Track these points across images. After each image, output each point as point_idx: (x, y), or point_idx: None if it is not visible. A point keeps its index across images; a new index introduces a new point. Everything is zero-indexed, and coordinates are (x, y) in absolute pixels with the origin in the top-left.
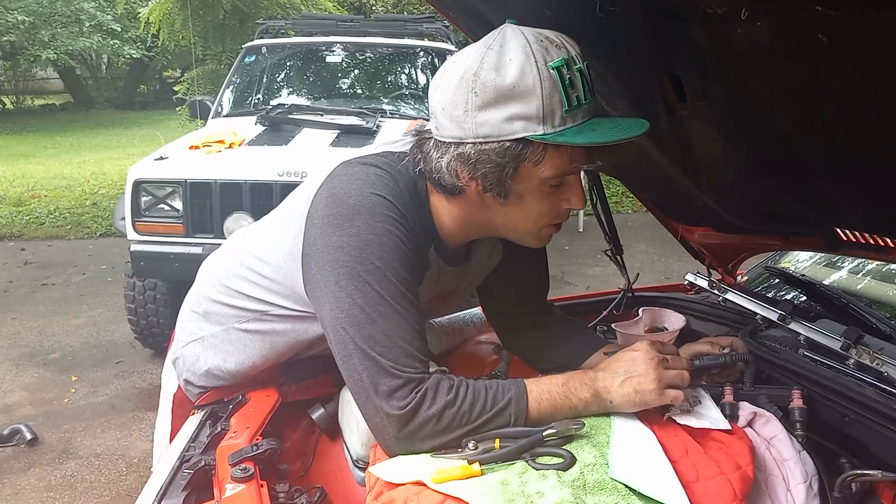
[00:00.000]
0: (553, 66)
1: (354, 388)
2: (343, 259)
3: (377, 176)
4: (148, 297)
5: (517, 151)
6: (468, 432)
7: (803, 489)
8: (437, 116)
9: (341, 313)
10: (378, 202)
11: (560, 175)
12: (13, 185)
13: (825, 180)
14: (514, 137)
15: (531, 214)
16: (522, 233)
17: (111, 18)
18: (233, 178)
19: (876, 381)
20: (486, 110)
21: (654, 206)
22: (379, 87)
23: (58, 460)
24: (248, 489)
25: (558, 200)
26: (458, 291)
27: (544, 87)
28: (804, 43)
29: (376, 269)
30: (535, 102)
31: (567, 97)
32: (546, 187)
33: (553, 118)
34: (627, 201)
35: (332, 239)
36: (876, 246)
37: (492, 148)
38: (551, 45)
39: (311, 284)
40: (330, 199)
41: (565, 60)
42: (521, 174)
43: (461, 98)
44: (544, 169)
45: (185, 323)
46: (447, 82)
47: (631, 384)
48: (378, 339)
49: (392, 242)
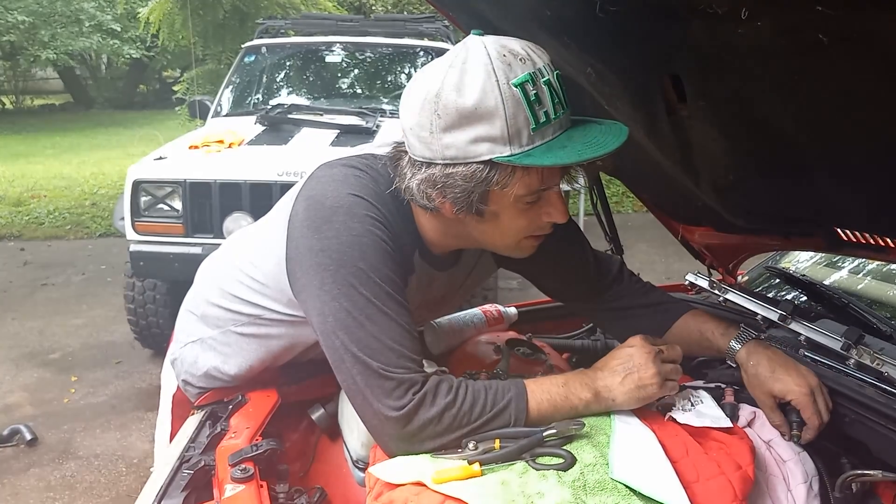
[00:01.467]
0: (516, 84)
1: (349, 391)
2: (325, 263)
3: (355, 177)
4: (147, 297)
5: (484, 175)
6: (468, 433)
7: (803, 489)
8: (407, 136)
9: (329, 318)
10: (356, 202)
11: (533, 193)
12: (13, 185)
13: (825, 180)
14: (481, 160)
15: (508, 231)
16: (501, 247)
17: (111, 18)
18: (232, 177)
19: (876, 382)
20: (450, 132)
21: (654, 206)
22: (379, 87)
23: (57, 460)
24: (248, 489)
25: (537, 215)
26: (448, 298)
27: (507, 106)
28: (804, 43)
29: (359, 272)
30: (498, 123)
31: (534, 114)
32: (521, 204)
33: (520, 138)
34: (627, 201)
35: (311, 242)
36: (876, 246)
37: (459, 172)
38: (515, 60)
39: (298, 289)
40: (308, 202)
41: (531, 75)
42: (491, 196)
43: (426, 119)
44: (514, 189)
45: (183, 324)
46: (412, 102)
47: (632, 380)
48: (367, 342)
49: (373, 243)
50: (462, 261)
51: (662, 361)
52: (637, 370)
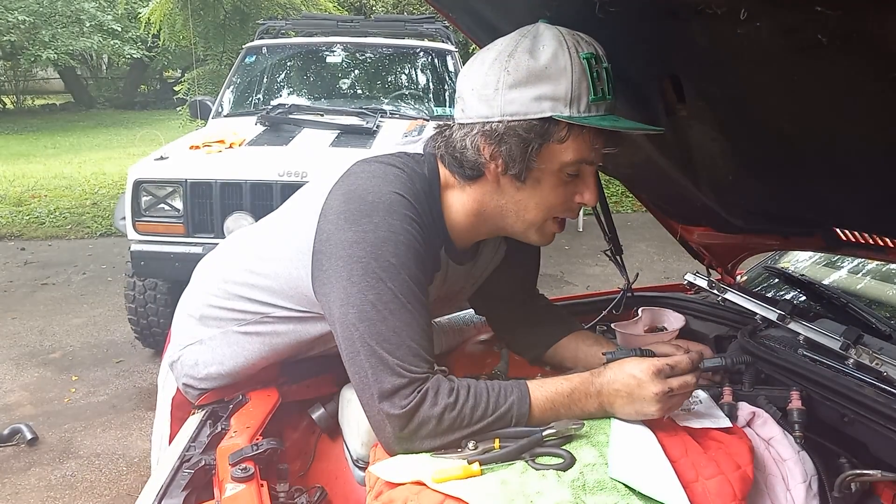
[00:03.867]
0: (584, 56)
1: (359, 384)
2: (358, 255)
3: (395, 175)
4: (148, 296)
5: (543, 129)
6: (469, 435)
7: (803, 489)
8: (465, 98)
9: (352, 308)
10: (397, 200)
11: (579, 161)
12: (13, 185)
13: (825, 180)
14: (541, 116)
15: (544, 202)
16: (529, 223)
17: (111, 18)
18: (233, 177)
19: (875, 381)
20: (516, 89)
21: (653, 206)
22: (379, 88)
23: (58, 460)
24: (249, 489)
25: (572, 192)
26: (462, 292)
27: (574, 71)
28: (804, 43)
29: (391, 267)
30: (564, 84)
31: (594, 86)
32: (564, 175)
33: (579, 102)
34: (627, 201)
35: (347, 234)
36: (876, 246)
37: (519, 124)
38: (582, 40)
39: (321, 280)
40: (347, 196)
41: (594, 55)
42: (544, 153)
43: (493, 77)
44: (566, 151)
45: (181, 326)
46: (479, 64)
47: (633, 407)
48: (387, 336)
49: (408, 241)
50: (481, 256)
51: (671, 397)
52: (640, 401)
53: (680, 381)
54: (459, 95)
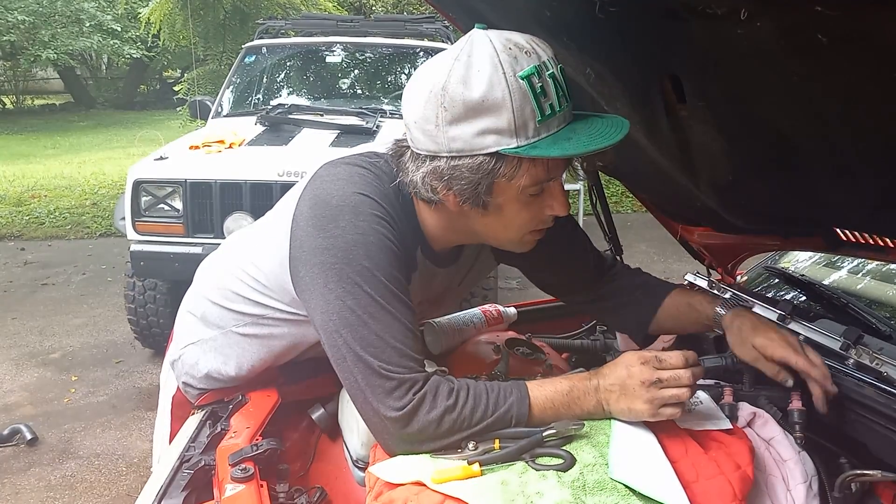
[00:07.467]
0: (523, 77)
1: (351, 390)
2: (330, 261)
3: (360, 175)
4: (148, 297)
5: (490, 166)
6: (468, 436)
7: (803, 489)
8: (411, 129)
9: (332, 316)
10: (362, 201)
11: (538, 184)
12: (13, 185)
13: (825, 180)
14: (488, 152)
15: (512, 224)
16: (504, 241)
17: (111, 18)
18: (233, 178)
19: (875, 381)
20: (456, 125)
21: (653, 207)
22: (379, 88)
23: (58, 460)
24: (248, 489)
25: (540, 208)
26: (449, 294)
27: (514, 99)
28: (804, 43)
29: (364, 270)
30: (505, 116)
31: (539, 107)
32: (525, 197)
33: (526, 130)
34: (627, 201)
35: (317, 241)
36: (876, 246)
37: (465, 164)
38: (521, 53)
39: (301, 287)
40: (313, 201)
41: (536, 68)
42: (497, 188)
43: (431, 113)
44: (520, 181)
45: (183, 325)
46: (416, 96)
47: (624, 402)
48: (370, 340)
49: (379, 241)
50: (462, 258)
51: (661, 389)
52: (629, 395)
53: (669, 374)
54: (406, 125)
